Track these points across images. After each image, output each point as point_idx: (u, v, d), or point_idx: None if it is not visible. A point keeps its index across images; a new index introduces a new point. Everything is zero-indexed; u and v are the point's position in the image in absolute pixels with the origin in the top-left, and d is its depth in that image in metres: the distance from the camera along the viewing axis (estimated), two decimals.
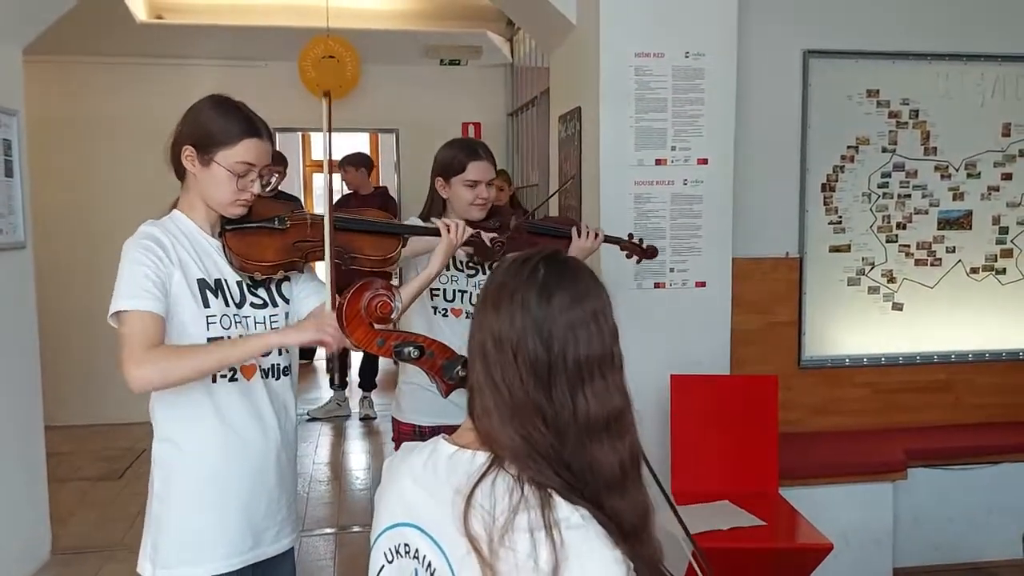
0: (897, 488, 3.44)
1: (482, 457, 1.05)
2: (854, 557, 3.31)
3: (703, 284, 3.36)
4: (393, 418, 2.59)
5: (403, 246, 2.01)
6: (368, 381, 6.06)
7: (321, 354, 7.27)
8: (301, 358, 1.99)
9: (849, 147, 3.69)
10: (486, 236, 2.22)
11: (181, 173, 1.78)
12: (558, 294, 1.05)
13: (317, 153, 8.57)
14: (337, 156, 6.14)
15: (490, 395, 1.05)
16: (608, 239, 2.63)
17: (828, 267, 3.72)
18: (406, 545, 1.10)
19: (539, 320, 1.04)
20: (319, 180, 8.73)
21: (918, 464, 3.49)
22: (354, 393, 6.19)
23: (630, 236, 2.75)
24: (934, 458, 3.55)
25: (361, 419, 5.98)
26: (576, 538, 0.97)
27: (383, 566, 1.14)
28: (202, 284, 1.73)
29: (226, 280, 1.77)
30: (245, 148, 1.72)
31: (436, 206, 2.50)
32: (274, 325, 1.82)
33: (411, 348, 1.22)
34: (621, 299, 3.43)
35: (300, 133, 8.26)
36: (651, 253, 2.75)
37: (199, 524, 1.74)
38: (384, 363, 6.10)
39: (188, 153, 1.73)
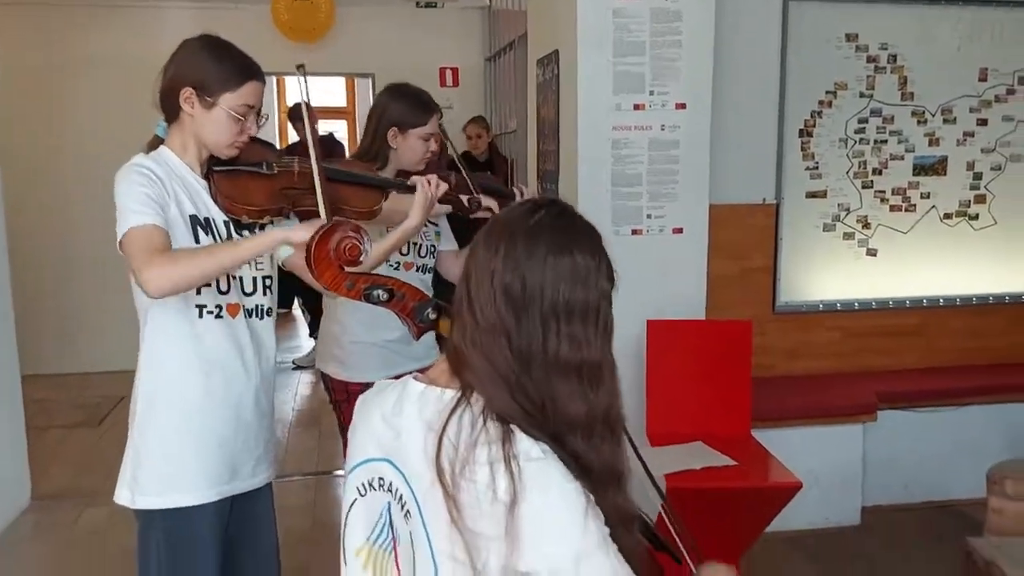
0: (867, 429, 3.51)
1: (450, 393, 1.07)
2: (824, 496, 3.39)
3: (680, 230, 3.36)
4: (334, 379, 2.50)
5: (385, 199, 2.01)
6: None
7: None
8: (280, 307, 2.00)
9: (827, 92, 3.68)
10: (463, 196, 2.22)
11: (172, 114, 1.77)
12: (548, 236, 1.07)
13: (292, 99, 8.42)
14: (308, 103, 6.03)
15: (467, 314, 1.08)
16: None
17: (804, 213, 3.74)
18: (380, 479, 1.12)
19: (521, 255, 1.05)
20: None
21: (888, 406, 3.56)
22: None
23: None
24: (904, 400, 3.62)
25: None
26: (535, 470, 0.99)
27: (355, 500, 1.17)
28: (193, 220, 1.75)
29: (214, 219, 1.79)
30: (249, 91, 1.75)
31: (383, 155, 2.44)
32: (259, 267, 1.84)
33: (380, 291, 1.22)
34: None
35: (275, 77, 8.11)
36: None
37: (179, 455, 1.77)
38: None
39: (188, 95, 1.73)
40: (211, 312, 1.76)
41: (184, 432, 1.77)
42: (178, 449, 1.76)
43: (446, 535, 1.01)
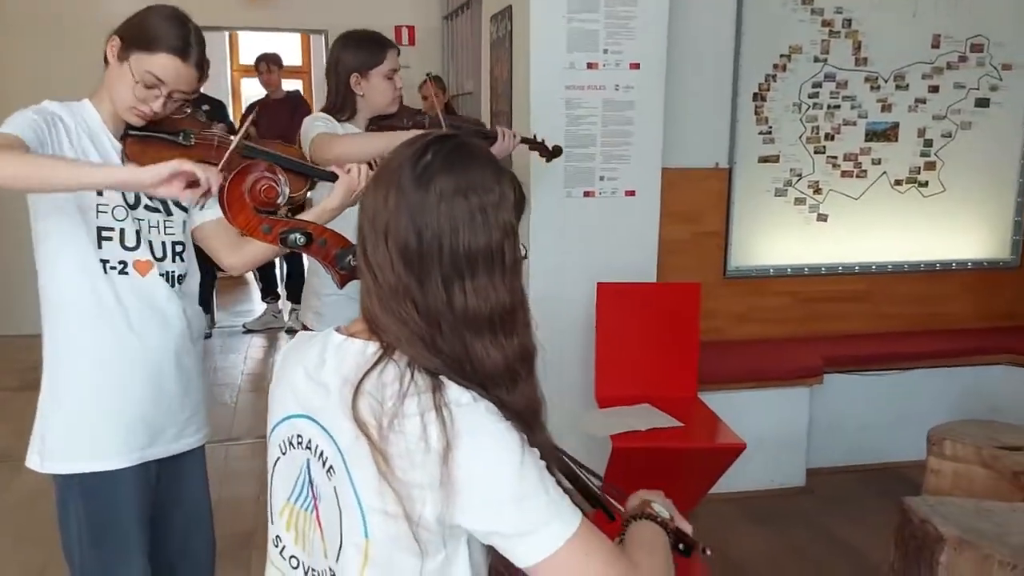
0: (813, 393, 3.55)
1: (372, 347, 1.03)
2: (770, 458, 3.43)
3: (633, 193, 3.34)
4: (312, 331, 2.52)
5: (310, 188, 1.94)
6: (296, 293, 5.96)
7: None
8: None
9: (782, 56, 3.66)
10: None
11: (106, 63, 1.71)
12: (439, 180, 0.99)
13: (245, 56, 8.21)
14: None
15: (368, 276, 1.03)
16: (523, 140, 2.64)
17: (757, 178, 3.73)
18: (299, 436, 1.09)
19: (413, 205, 0.99)
20: (247, 85, 8.39)
21: (834, 370, 3.60)
22: (284, 304, 6.11)
23: (535, 136, 2.78)
24: (850, 364, 3.66)
25: (287, 332, 5.91)
26: (466, 415, 0.96)
27: (278, 458, 1.14)
28: None
29: None
30: (161, 62, 1.66)
31: (349, 104, 2.41)
32: (169, 231, 1.77)
33: (298, 235, 1.17)
34: (551, 207, 3.41)
35: (227, 32, 7.87)
36: (557, 152, 2.80)
37: (88, 419, 1.71)
38: None
39: (113, 42, 1.67)
40: (114, 268, 1.68)
41: (94, 396, 1.71)
42: (87, 413, 1.71)
43: (375, 489, 0.97)
